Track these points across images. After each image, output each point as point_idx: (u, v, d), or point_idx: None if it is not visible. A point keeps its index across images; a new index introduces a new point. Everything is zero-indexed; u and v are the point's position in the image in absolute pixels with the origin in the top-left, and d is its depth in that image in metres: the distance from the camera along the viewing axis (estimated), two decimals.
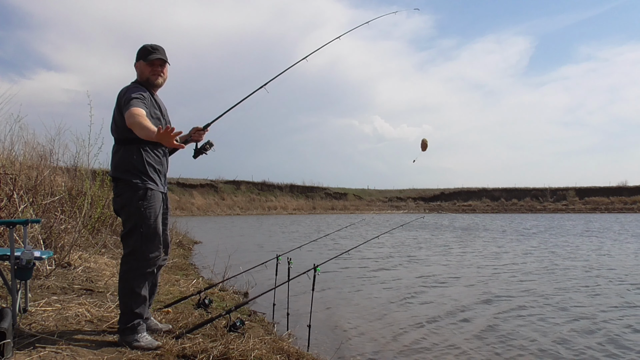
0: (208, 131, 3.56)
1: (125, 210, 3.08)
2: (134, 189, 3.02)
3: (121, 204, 3.09)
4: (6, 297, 3.64)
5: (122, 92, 3.10)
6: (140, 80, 3.23)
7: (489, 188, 62.76)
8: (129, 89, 3.10)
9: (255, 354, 3.09)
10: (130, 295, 3.02)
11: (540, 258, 10.90)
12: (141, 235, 3.02)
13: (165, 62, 3.25)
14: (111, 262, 6.19)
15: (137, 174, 3.04)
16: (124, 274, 3.05)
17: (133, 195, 3.02)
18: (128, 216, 3.07)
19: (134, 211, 3.03)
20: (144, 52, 3.20)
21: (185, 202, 46.58)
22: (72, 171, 7.79)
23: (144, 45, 3.23)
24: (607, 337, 4.62)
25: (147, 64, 3.19)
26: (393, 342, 4.50)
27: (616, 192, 56.77)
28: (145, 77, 3.20)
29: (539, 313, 5.58)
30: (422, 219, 20.22)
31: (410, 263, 10.13)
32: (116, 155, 3.12)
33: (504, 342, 4.48)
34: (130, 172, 3.04)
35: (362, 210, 55.13)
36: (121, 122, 3.03)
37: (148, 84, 3.21)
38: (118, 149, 3.12)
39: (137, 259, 3.04)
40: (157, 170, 3.15)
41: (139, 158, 3.06)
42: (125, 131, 3.02)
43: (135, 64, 3.24)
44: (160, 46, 3.26)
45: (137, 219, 3.02)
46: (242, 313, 4.58)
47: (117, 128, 3.12)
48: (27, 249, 3.11)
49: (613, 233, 19.14)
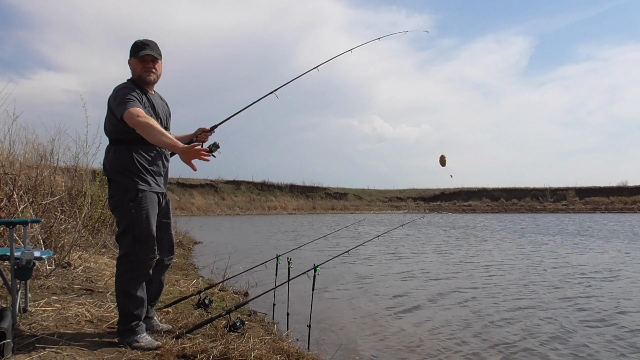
0: (215, 133, 3.47)
1: (117, 212, 3.05)
2: (125, 190, 2.98)
3: (114, 205, 3.06)
4: (6, 297, 3.64)
5: (114, 90, 3.01)
6: (134, 78, 3.14)
7: (489, 188, 62.76)
8: (120, 88, 3.01)
9: (255, 354, 3.09)
10: (127, 298, 3.00)
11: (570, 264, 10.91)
12: (134, 237, 2.98)
13: (156, 58, 3.14)
14: (111, 262, 6.19)
15: (128, 175, 2.98)
16: (119, 276, 3.02)
17: (124, 196, 2.98)
18: (120, 218, 3.03)
19: (125, 213, 2.98)
20: (135, 49, 3.10)
21: (185, 202, 46.58)
22: (72, 171, 7.79)
23: (135, 42, 3.13)
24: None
25: (139, 61, 3.09)
26: (393, 342, 4.50)
27: (616, 192, 56.75)
28: (137, 75, 3.11)
29: (559, 319, 5.58)
30: (422, 218, 20.18)
31: (411, 263, 10.13)
32: (108, 155, 3.08)
33: (505, 342, 4.48)
34: (121, 173, 2.99)
35: (362, 211, 55.12)
36: (113, 122, 2.98)
37: (140, 81, 3.12)
38: (110, 149, 3.07)
39: (131, 261, 3.00)
40: (151, 171, 3.07)
41: (130, 159, 2.99)
42: (116, 131, 3.00)
43: (128, 61, 3.15)
44: (151, 41, 3.14)
45: (128, 221, 2.98)
46: (242, 313, 4.58)
47: (110, 127, 3.06)
48: (27, 249, 3.11)
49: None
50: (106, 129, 3.10)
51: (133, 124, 2.82)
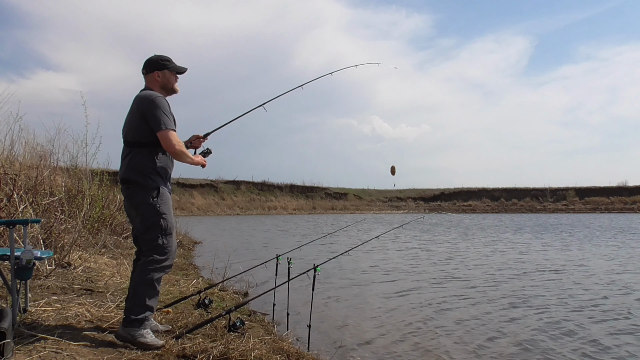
0: (207, 140, 3.68)
1: (141, 209, 3.14)
2: (147, 189, 3.12)
3: (136, 204, 3.16)
4: (6, 297, 3.64)
5: (151, 99, 3.15)
6: (163, 87, 3.32)
7: (489, 188, 62.76)
8: (159, 101, 3.17)
9: (255, 354, 3.09)
10: (148, 287, 3.09)
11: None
12: (161, 230, 3.13)
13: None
14: (111, 262, 6.19)
15: (149, 176, 3.14)
16: (145, 266, 3.10)
17: (146, 194, 3.12)
18: (144, 215, 3.14)
19: (150, 209, 3.12)
20: (167, 62, 3.33)
21: (185, 202, 46.58)
22: (72, 171, 7.80)
23: (162, 56, 3.35)
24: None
25: (174, 74, 3.36)
26: (393, 342, 4.50)
27: (616, 192, 56.77)
28: (171, 86, 3.35)
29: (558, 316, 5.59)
30: (422, 218, 20.18)
31: (411, 263, 10.13)
32: (128, 158, 3.18)
33: (505, 342, 4.48)
34: (143, 174, 3.13)
35: (362, 211, 55.13)
36: (143, 126, 3.13)
37: (169, 92, 3.35)
38: (130, 152, 3.18)
39: (159, 253, 3.13)
40: (166, 173, 3.26)
41: (152, 161, 3.16)
42: (140, 135, 3.14)
43: (155, 72, 3.30)
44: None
45: (154, 216, 3.13)
46: (242, 313, 4.58)
47: (132, 132, 3.19)
48: (27, 249, 3.11)
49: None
50: (131, 133, 3.20)
51: (170, 149, 3.14)
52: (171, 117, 3.19)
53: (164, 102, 3.20)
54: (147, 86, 3.33)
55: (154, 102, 3.14)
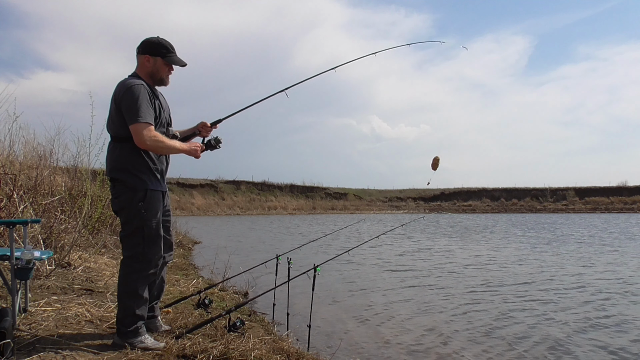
0: (217, 128, 3.45)
1: (124, 212, 2.96)
2: (133, 190, 2.90)
3: (120, 206, 2.97)
4: (6, 297, 3.64)
5: (127, 88, 2.88)
6: (151, 75, 3.05)
7: (489, 188, 62.74)
8: (133, 89, 2.87)
9: (255, 354, 3.09)
10: (132, 298, 2.95)
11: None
12: (143, 237, 2.93)
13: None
14: (111, 262, 6.19)
15: (135, 174, 2.91)
16: (126, 277, 2.96)
17: (132, 196, 2.90)
18: (128, 218, 2.95)
19: (134, 213, 2.91)
20: (165, 50, 3.04)
21: (185, 202, 46.57)
22: (72, 171, 7.80)
23: (163, 41, 3.05)
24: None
25: (166, 64, 3.07)
26: (393, 342, 4.50)
27: (616, 192, 56.77)
28: (159, 76, 3.07)
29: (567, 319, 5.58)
30: (422, 218, 20.17)
31: (411, 263, 10.13)
32: (112, 154, 2.97)
33: (505, 342, 4.48)
34: (128, 172, 2.90)
35: (362, 211, 55.11)
36: (120, 118, 2.89)
37: (157, 81, 3.09)
38: (114, 147, 2.97)
39: (140, 261, 2.95)
40: (156, 169, 3.02)
41: (137, 157, 2.92)
42: (121, 128, 2.91)
43: (146, 56, 3.02)
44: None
45: (138, 222, 2.92)
46: (242, 313, 4.58)
47: (113, 125, 2.96)
48: (27, 249, 3.10)
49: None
50: (111, 125, 2.98)
51: (141, 145, 2.84)
52: (150, 108, 2.88)
53: (141, 90, 2.87)
54: (135, 71, 3.06)
55: (128, 92, 2.85)
